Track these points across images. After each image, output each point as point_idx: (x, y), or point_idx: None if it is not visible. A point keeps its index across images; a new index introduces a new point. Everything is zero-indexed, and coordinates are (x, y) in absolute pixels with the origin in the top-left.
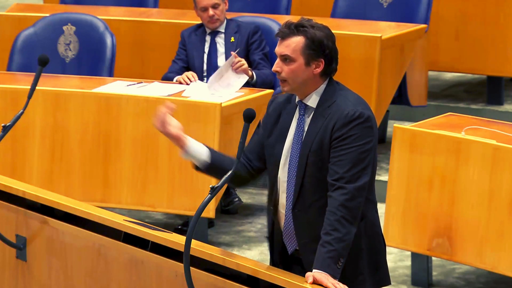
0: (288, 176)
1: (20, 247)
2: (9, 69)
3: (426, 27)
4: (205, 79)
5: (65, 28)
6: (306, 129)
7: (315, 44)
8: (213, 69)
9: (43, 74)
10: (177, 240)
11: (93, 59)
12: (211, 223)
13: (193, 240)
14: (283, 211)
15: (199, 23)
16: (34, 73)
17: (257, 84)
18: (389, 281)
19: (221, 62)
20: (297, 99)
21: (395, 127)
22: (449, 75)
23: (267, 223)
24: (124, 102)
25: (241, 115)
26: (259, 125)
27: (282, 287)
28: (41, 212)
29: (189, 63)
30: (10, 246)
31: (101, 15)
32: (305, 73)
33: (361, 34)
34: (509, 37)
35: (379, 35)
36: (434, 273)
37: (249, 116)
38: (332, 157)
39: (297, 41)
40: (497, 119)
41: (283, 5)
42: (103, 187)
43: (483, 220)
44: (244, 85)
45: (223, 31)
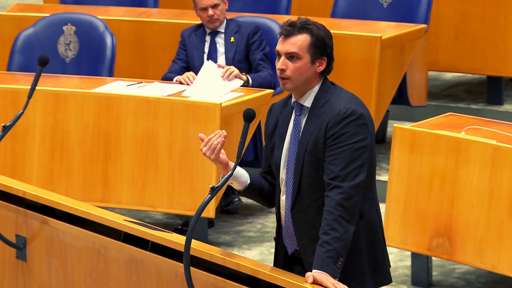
0: (286, 177)
1: (20, 247)
2: (9, 69)
3: (426, 27)
4: None
5: (65, 28)
6: (302, 129)
7: (319, 42)
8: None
9: (43, 74)
10: (177, 240)
11: (93, 59)
12: (211, 223)
13: (193, 240)
14: (283, 212)
15: (199, 23)
16: (34, 73)
17: (254, 87)
18: (389, 280)
19: (221, 62)
20: (293, 100)
21: (395, 127)
22: (449, 75)
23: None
24: (124, 102)
25: (241, 115)
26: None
27: (282, 287)
28: (41, 212)
29: (189, 63)
30: (10, 246)
31: (101, 15)
32: (309, 71)
33: (361, 34)
34: (509, 37)
35: (379, 35)
36: (434, 273)
37: (249, 116)
38: (327, 156)
39: (303, 38)
40: (497, 119)
41: (283, 5)
42: (103, 187)
43: (483, 220)
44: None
45: (223, 31)
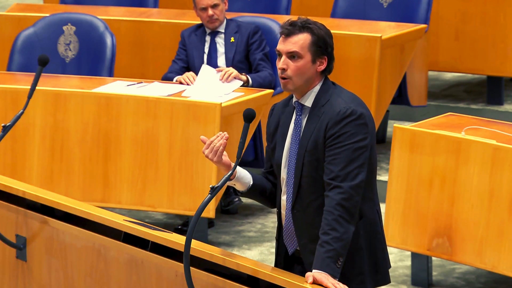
0: (287, 176)
1: (20, 247)
2: (9, 69)
3: (426, 27)
4: None
5: (65, 28)
6: (302, 129)
7: (320, 41)
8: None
9: (43, 74)
10: (177, 240)
11: (93, 59)
12: (211, 223)
13: (193, 240)
14: (284, 212)
15: (199, 23)
16: (34, 73)
17: (253, 87)
18: (389, 280)
19: (221, 62)
20: (294, 99)
21: (395, 127)
22: (449, 75)
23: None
24: (124, 102)
25: (241, 115)
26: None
27: (282, 287)
28: (41, 212)
29: (189, 63)
30: (10, 246)
31: (101, 15)
32: (310, 70)
33: (361, 34)
34: (509, 37)
35: (379, 35)
36: (434, 273)
37: (249, 116)
38: (327, 156)
39: (304, 37)
40: (497, 119)
41: (283, 5)
42: (103, 187)
43: (483, 220)
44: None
45: (223, 31)
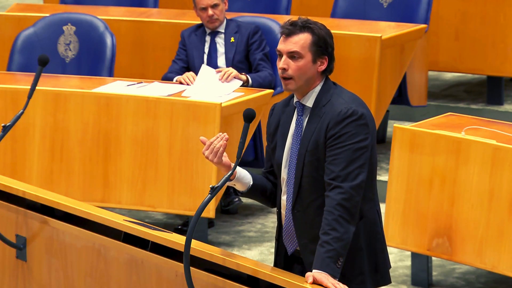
0: (287, 176)
1: (20, 247)
2: (9, 69)
3: (426, 27)
4: None
5: (65, 28)
6: (303, 129)
7: (321, 41)
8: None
9: (43, 74)
10: (177, 240)
11: (93, 59)
12: (211, 223)
13: (193, 240)
14: (284, 212)
15: (199, 23)
16: (34, 73)
17: (253, 87)
18: (389, 280)
19: (221, 62)
20: (295, 99)
21: (395, 127)
22: (449, 75)
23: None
24: (124, 102)
25: (241, 115)
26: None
27: (282, 287)
28: (41, 212)
29: (189, 63)
30: (10, 246)
31: (101, 15)
32: (311, 70)
33: (361, 34)
34: (509, 37)
35: (379, 35)
36: (434, 273)
37: (249, 116)
38: (327, 156)
39: (305, 37)
40: (497, 119)
41: (283, 5)
42: (103, 187)
43: (483, 220)
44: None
45: (223, 31)
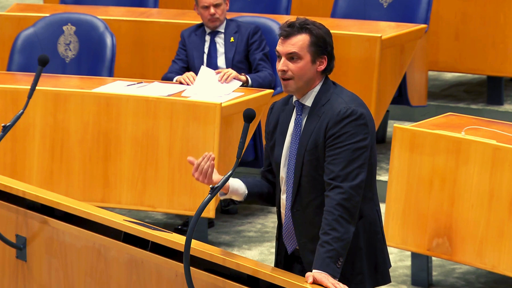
0: (287, 175)
1: (20, 247)
2: (9, 69)
3: (426, 27)
4: None
5: (65, 28)
6: (302, 128)
7: (319, 41)
8: (213, 69)
9: (43, 74)
10: (177, 240)
11: (93, 59)
12: (211, 223)
13: (193, 240)
14: (283, 211)
15: (199, 23)
16: (34, 73)
17: (253, 87)
18: (389, 280)
19: (221, 62)
20: (294, 99)
21: (395, 127)
22: (449, 75)
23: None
24: (124, 102)
25: (241, 115)
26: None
27: (282, 287)
28: (41, 212)
29: (189, 63)
30: (10, 246)
31: (101, 15)
32: (311, 70)
33: (361, 34)
34: (509, 37)
35: (379, 35)
36: (434, 273)
37: (249, 116)
38: (327, 156)
39: (303, 38)
40: (497, 119)
41: (283, 5)
42: (103, 187)
43: (483, 220)
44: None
45: (223, 31)
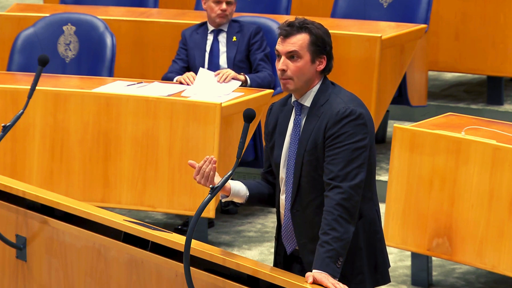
0: (286, 176)
1: (20, 247)
2: (9, 69)
3: (426, 27)
4: None
5: (65, 28)
6: (301, 128)
7: (319, 40)
8: (214, 67)
9: (43, 74)
10: (177, 240)
11: (93, 59)
12: (211, 223)
13: (193, 240)
14: (283, 211)
15: (199, 22)
16: (34, 73)
17: (252, 87)
18: (388, 280)
19: (222, 61)
20: (293, 99)
21: (395, 127)
22: (449, 75)
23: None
24: (124, 102)
25: (241, 115)
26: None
27: (282, 287)
28: (41, 212)
29: (189, 62)
30: (10, 246)
31: (101, 15)
32: (310, 70)
33: (361, 34)
34: (509, 37)
35: (379, 35)
36: (434, 273)
37: (249, 116)
38: (326, 156)
39: (303, 38)
40: (497, 119)
41: (283, 5)
42: (103, 187)
43: (483, 220)
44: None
45: (226, 30)
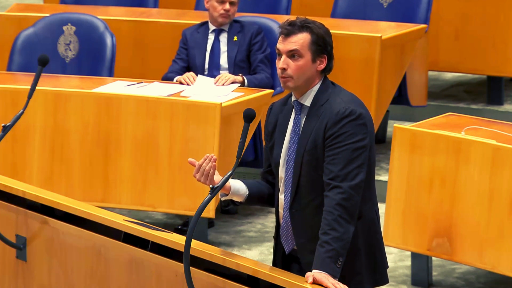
0: (285, 175)
1: (20, 247)
2: (9, 69)
3: (426, 27)
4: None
5: (65, 28)
6: (301, 128)
7: (320, 40)
8: (215, 67)
9: (43, 74)
10: (177, 240)
11: (93, 59)
12: (211, 223)
13: (193, 240)
14: (282, 211)
15: (200, 22)
16: (34, 73)
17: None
18: (387, 280)
19: (223, 60)
20: (293, 98)
21: (395, 127)
22: (449, 75)
23: (275, 223)
24: (124, 102)
25: (241, 115)
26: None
27: (282, 287)
28: (41, 212)
29: (190, 61)
30: (10, 246)
31: (101, 15)
32: (311, 69)
33: (361, 34)
34: (509, 37)
35: (379, 35)
36: (434, 273)
37: (249, 116)
38: (326, 156)
39: (304, 37)
40: (497, 119)
41: (283, 5)
42: (103, 187)
43: (483, 220)
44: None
45: (227, 29)
